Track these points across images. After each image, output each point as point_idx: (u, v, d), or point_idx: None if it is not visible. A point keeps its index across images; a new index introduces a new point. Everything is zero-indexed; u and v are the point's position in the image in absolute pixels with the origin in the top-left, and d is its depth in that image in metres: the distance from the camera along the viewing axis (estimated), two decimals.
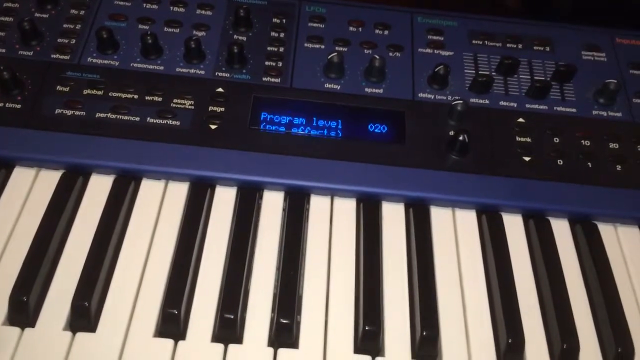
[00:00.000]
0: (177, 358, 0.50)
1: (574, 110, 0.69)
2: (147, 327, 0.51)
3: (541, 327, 0.55)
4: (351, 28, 0.73)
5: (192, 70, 0.67)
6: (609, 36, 0.76)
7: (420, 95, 0.68)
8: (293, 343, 0.52)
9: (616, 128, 0.67)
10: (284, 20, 0.73)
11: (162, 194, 0.60)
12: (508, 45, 0.73)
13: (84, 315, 0.51)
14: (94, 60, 0.67)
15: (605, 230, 0.62)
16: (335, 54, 0.67)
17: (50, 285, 0.53)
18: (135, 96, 0.64)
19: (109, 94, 0.64)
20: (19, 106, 0.62)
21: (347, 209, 0.61)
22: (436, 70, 0.68)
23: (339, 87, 0.68)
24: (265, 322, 0.52)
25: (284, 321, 0.51)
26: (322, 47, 0.71)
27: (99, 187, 0.60)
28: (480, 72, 0.70)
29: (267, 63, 0.69)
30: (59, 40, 0.68)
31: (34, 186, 0.59)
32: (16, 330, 0.50)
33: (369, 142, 0.64)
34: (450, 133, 0.64)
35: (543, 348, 0.53)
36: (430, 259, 0.58)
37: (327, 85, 0.68)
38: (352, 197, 0.62)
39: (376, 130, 0.65)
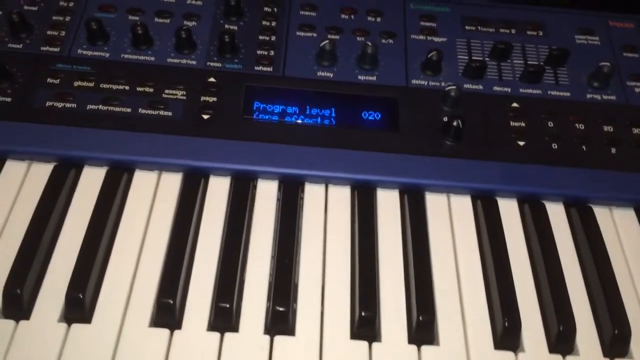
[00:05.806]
0: (173, 348, 0.50)
1: (568, 94, 0.68)
2: (143, 317, 0.51)
3: (537, 311, 0.54)
4: (343, 15, 0.73)
5: (184, 61, 0.67)
6: (603, 19, 0.75)
7: (414, 81, 0.68)
8: (289, 330, 0.52)
9: (610, 111, 0.67)
10: (275, 9, 0.72)
11: (156, 185, 0.60)
12: (501, 30, 0.73)
13: (79, 306, 0.50)
14: (84, 52, 0.66)
15: (601, 213, 0.62)
16: (328, 41, 0.67)
17: (45, 277, 0.53)
18: (127, 87, 0.64)
19: (100, 86, 0.63)
20: (9, 99, 0.62)
21: (341, 196, 0.61)
22: (429, 56, 0.68)
23: (331, 75, 0.67)
24: (261, 311, 0.52)
25: (280, 309, 0.51)
26: (314, 35, 0.71)
27: (91, 179, 0.59)
28: (473, 58, 0.70)
29: (259, 52, 0.68)
30: (49, 32, 0.67)
31: (26, 180, 0.59)
32: (11, 323, 0.50)
33: (363, 129, 0.63)
34: (444, 119, 0.64)
35: (539, 331, 0.53)
36: (426, 244, 0.58)
37: (320, 74, 0.67)
38: (346, 185, 0.61)
39: (370, 118, 0.65)
